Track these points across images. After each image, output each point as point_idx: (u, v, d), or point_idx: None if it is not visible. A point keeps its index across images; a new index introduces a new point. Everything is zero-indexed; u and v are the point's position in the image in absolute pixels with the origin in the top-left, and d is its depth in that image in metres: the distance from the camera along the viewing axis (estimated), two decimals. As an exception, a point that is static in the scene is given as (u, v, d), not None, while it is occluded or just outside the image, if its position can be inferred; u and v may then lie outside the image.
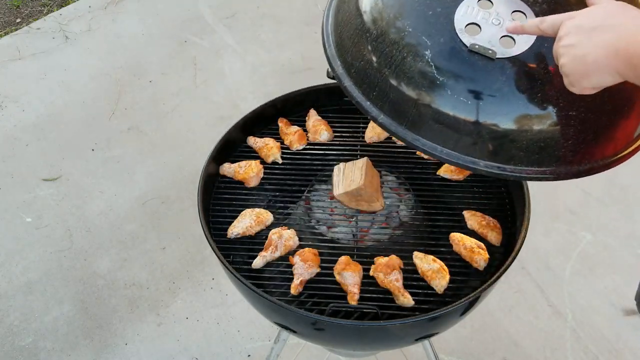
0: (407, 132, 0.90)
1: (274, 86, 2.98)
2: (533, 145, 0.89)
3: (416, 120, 0.90)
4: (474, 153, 0.90)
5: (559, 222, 2.37)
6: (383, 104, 0.92)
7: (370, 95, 0.93)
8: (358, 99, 0.94)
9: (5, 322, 2.16)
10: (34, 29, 3.40)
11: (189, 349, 2.06)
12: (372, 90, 0.92)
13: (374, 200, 1.32)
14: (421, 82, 0.88)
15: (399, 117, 0.90)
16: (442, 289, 1.22)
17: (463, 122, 0.88)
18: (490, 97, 0.87)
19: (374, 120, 0.93)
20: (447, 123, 0.88)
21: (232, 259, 1.33)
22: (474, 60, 0.87)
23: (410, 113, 0.89)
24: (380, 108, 0.92)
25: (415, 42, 0.89)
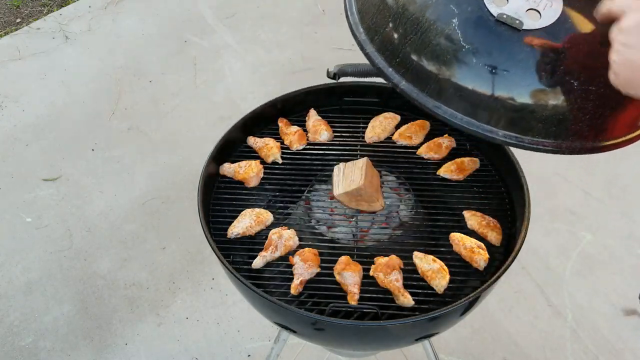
0: (428, 99, 0.91)
1: (274, 86, 2.98)
2: (552, 117, 0.90)
3: (438, 87, 0.90)
4: (493, 122, 0.91)
5: (559, 222, 2.37)
6: (405, 71, 0.92)
7: (392, 62, 0.93)
8: (380, 65, 0.94)
9: (5, 322, 2.16)
10: (34, 29, 3.40)
11: (189, 349, 2.06)
12: (395, 57, 0.92)
13: (374, 200, 1.32)
14: (446, 49, 0.89)
15: (421, 84, 0.91)
16: (442, 289, 1.22)
17: (484, 91, 0.89)
18: (513, 68, 0.88)
19: (396, 87, 0.93)
20: (469, 91, 0.89)
21: (232, 259, 1.33)
22: (501, 30, 0.88)
23: (433, 80, 0.90)
24: (402, 75, 0.92)
25: (442, 9, 0.89)
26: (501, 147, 1.42)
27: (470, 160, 1.45)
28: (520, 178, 1.34)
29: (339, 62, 1.44)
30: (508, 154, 1.39)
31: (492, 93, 0.89)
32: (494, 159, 1.46)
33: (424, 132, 1.53)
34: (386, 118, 1.54)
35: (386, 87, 1.57)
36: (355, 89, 1.59)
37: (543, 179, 2.53)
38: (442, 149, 1.48)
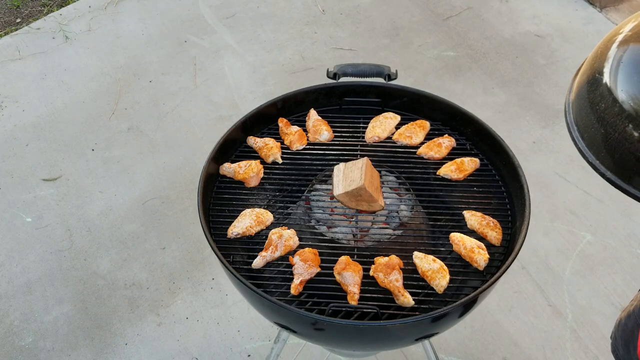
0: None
1: (274, 86, 2.98)
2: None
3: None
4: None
5: (559, 222, 2.37)
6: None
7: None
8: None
9: (5, 322, 2.16)
10: (34, 29, 3.40)
11: (189, 349, 2.06)
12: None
13: (374, 200, 1.32)
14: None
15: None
16: (442, 289, 1.22)
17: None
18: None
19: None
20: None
21: (232, 259, 1.33)
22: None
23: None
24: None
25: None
26: (501, 147, 1.42)
27: (470, 160, 1.45)
28: (520, 178, 1.34)
29: (339, 62, 1.44)
30: (508, 154, 1.39)
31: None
32: (494, 159, 1.46)
33: (424, 132, 1.53)
34: (386, 118, 1.54)
35: (386, 87, 1.57)
36: (355, 89, 1.59)
37: (543, 179, 2.53)
38: (442, 149, 1.48)
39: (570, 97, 0.82)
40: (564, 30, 3.24)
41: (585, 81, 0.78)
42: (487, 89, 2.94)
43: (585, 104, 0.77)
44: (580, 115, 0.79)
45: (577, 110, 0.79)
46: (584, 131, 0.78)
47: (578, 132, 0.79)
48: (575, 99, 0.80)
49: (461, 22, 3.31)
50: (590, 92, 0.76)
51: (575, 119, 0.80)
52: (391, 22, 3.33)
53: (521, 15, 3.34)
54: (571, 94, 0.82)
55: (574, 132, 0.80)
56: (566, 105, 0.83)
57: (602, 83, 0.74)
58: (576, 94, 0.80)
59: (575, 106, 0.80)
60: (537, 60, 3.07)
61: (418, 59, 3.10)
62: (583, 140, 0.79)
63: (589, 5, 3.38)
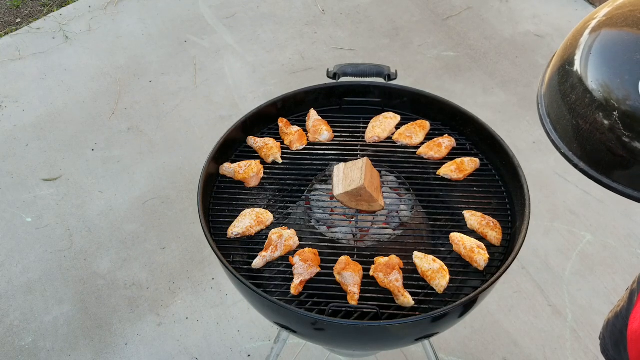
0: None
1: (274, 86, 2.98)
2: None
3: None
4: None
5: (559, 222, 2.37)
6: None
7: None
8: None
9: (5, 322, 2.16)
10: (34, 29, 3.40)
11: (189, 349, 2.06)
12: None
13: (374, 200, 1.32)
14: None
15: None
16: (442, 289, 1.22)
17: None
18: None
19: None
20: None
21: (232, 259, 1.33)
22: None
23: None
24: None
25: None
26: (501, 147, 1.42)
27: (470, 160, 1.45)
28: (520, 178, 1.34)
29: (339, 62, 1.44)
30: (508, 154, 1.39)
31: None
32: (494, 159, 1.46)
33: (424, 132, 1.53)
34: (386, 118, 1.54)
35: (386, 87, 1.57)
36: (355, 89, 1.59)
37: (543, 179, 2.53)
38: (442, 149, 1.48)
39: (542, 89, 0.81)
40: (564, 30, 3.24)
41: (556, 72, 0.77)
42: (487, 89, 2.94)
43: (556, 95, 0.76)
44: (552, 107, 0.78)
45: (549, 102, 0.79)
46: (556, 123, 0.78)
47: (550, 124, 0.79)
48: (547, 91, 0.80)
49: (461, 22, 3.31)
50: (561, 84, 0.76)
51: (548, 111, 0.79)
52: (391, 22, 3.33)
53: (521, 15, 3.34)
54: (543, 86, 0.82)
55: (546, 124, 0.80)
56: (538, 98, 0.83)
57: (573, 73, 0.73)
58: (547, 85, 0.80)
59: (547, 98, 0.79)
60: (537, 60, 3.07)
61: (418, 59, 3.10)
62: (556, 132, 0.78)
63: (589, 5, 3.38)
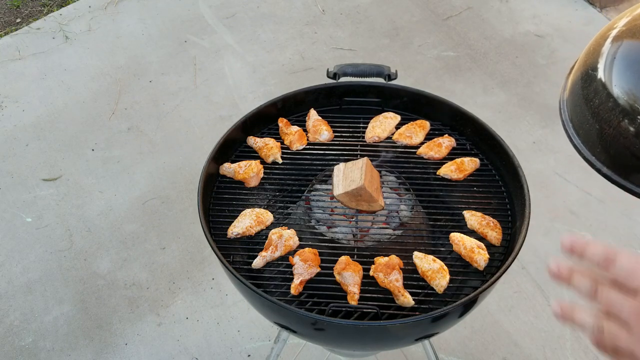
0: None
1: (274, 86, 2.98)
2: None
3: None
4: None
5: (559, 222, 2.37)
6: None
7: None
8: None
9: (5, 322, 2.16)
10: (34, 29, 3.40)
11: (189, 349, 2.06)
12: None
13: (374, 200, 1.32)
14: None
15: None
16: (442, 289, 1.22)
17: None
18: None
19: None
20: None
21: (232, 259, 1.33)
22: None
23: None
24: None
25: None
26: (501, 147, 1.42)
27: (470, 160, 1.45)
28: (520, 178, 1.34)
29: (339, 62, 1.44)
30: (508, 154, 1.39)
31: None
32: (494, 159, 1.46)
33: (424, 132, 1.53)
34: (386, 118, 1.54)
35: (386, 87, 1.57)
36: (355, 89, 1.59)
37: (543, 179, 2.53)
38: (442, 149, 1.48)
39: (565, 94, 0.82)
40: (564, 30, 3.24)
41: (579, 77, 0.78)
42: (487, 89, 2.94)
43: (579, 100, 0.77)
44: (575, 112, 0.78)
45: (572, 107, 0.79)
46: (579, 128, 0.78)
47: (573, 129, 0.79)
48: (570, 96, 0.80)
49: (461, 22, 3.31)
50: (585, 88, 0.76)
51: (570, 116, 0.80)
52: (391, 22, 3.33)
53: (521, 15, 3.34)
54: (565, 92, 0.82)
55: (569, 129, 0.80)
56: (561, 103, 0.83)
57: (597, 79, 0.74)
58: (570, 90, 0.80)
59: (569, 103, 0.80)
60: (537, 60, 3.07)
61: (418, 59, 3.10)
62: (578, 137, 0.79)
63: (589, 5, 3.38)
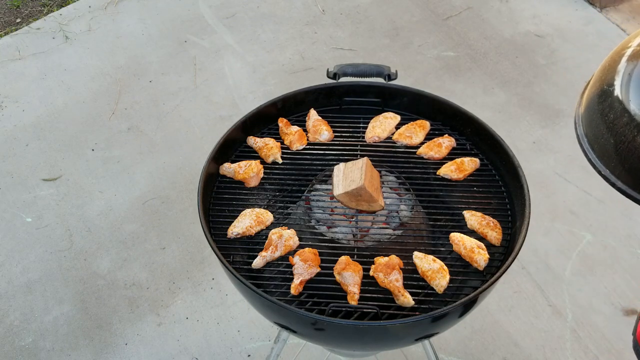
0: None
1: (274, 86, 2.98)
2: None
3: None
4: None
5: (559, 222, 2.37)
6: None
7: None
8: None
9: (5, 322, 2.16)
10: (34, 29, 3.40)
11: (189, 349, 2.06)
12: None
13: (374, 200, 1.32)
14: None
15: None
16: (442, 289, 1.22)
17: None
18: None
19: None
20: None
21: (232, 259, 1.33)
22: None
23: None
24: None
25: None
26: (501, 147, 1.42)
27: (470, 160, 1.45)
28: (520, 178, 1.34)
29: (339, 62, 1.44)
30: (508, 154, 1.39)
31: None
32: (494, 159, 1.46)
33: (424, 132, 1.53)
34: (386, 118, 1.54)
35: (386, 87, 1.57)
36: (355, 89, 1.59)
37: (543, 179, 2.53)
38: (442, 149, 1.48)
39: (580, 110, 0.85)
40: (564, 30, 3.24)
41: (596, 93, 0.80)
42: (487, 89, 2.94)
43: (595, 115, 0.79)
44: (590, 127, 0.81)
45: (587, 122, 0.81)
46: (594, 142, 0.80)
47: (588, 143, 0.81)
48: (585, 111, 0.82)
49: (461, 22, 3.31)
50: (600, 104, 0.78)
51: (586, 131, 0.82)
52: (391, 22, 3.33)
53: (521, 15, 3.34)
54: (580, 107, 0.84)
55: (584, 143, 0.82)
56: (576, 118, 0.85)
57: (613, 95, 0.76)
58: (586, 106, 0.83)
59: (585, 118, 0.82)
60: (537, 60, 3.07)
61: (418, 59, 3.10)
62: (593, 152, 0.81)
63: (589, 5, 3.38)
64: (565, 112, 2.79)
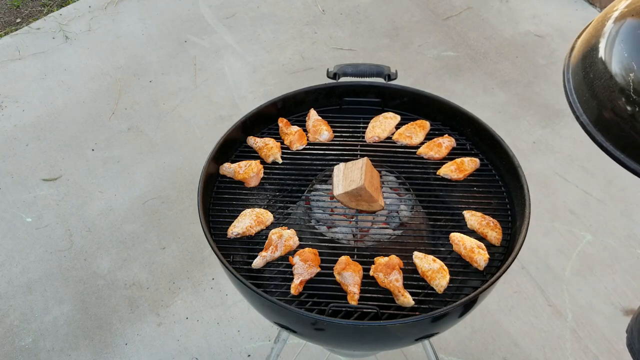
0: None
1: (274, 86, 2.98)
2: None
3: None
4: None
5: (559, 222, 2.37)
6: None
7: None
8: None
9: (5, 322, 2.16)
10: (34, 29, 3.40)
11: (189, 349, 2.06)
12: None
13: (374, 200, 1.32)
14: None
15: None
16: (442, 289, 1.22)
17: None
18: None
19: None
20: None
21: (232, 259, 1.33)
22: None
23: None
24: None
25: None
26: (501, 147, 1.42)
27: (470, 160, 1.45)
28: (520, 178, 1.34)
29: (339, 62, 1.44)
30: (508, 154, 1.39)
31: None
32: (494, 159, 1.46)
33: (424, 132, 1.53)
34: (386, 118, 1.54)
35: (386, 87, 1.57)
36: (355, 89, 1.59)
37: (543, 179, 2.53)
38: (442, 149, 1.48)
39: (570, 60, 0.88)
40: (564, 30, 3.24)
41: (581, 54, 0.84)
42: (487, 89, 2.94)
43: (579, 74, 0.84)
44: (575, 82, 0.85)
45: (574, 76, 0.85)
46: (579, 95, 0.84)
47: (575, 94, 0.86)
48: (574, 66, 0.87)
49: (461, 22, 3.31)
50: (585, 64, 0.82)
51: (573, 83, 0.86)
52: (391, 22, 3.33)
53: (521, 15, 3.34)
54: (571, 58, 0.88)
55: (570, 95, 0.87)
56: (564, 68, 0.89)
57: (597, 57, 0.79)
58: (574, 62, 0.86)
59: (572, 72, 0.87)
60: (537, 60, 3.07)
61: (418, 59, 3.10)
62: (579, 103, 0.85)
63: (589, 5, 3.38)
64: (565, 112, 2.79)
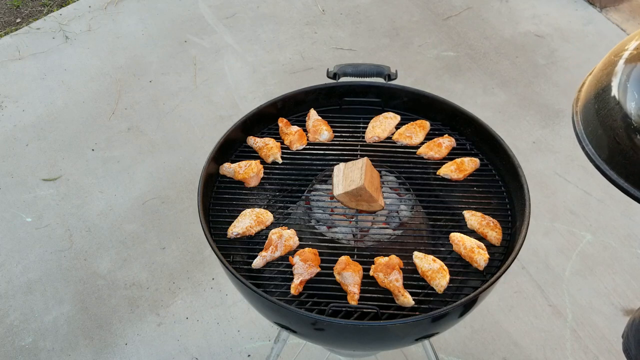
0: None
1: (274, 86, 2.98)
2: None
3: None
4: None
5: (559, 222, 2.37)
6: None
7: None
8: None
9: (5, 322, 2.16)
10: (34, 29, 3.40)
11: (188, 349, 2.06)
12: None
13: (374, 200, 1.32)
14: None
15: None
16: (442, 289, 1.22)
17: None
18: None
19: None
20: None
21: (232, 259, 1.33)
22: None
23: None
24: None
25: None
26: (501, 147, 1.42)
27: (470, 160, 1.45)
28: (520, 178, 1.34)
29: (339, 62, 1.44)
30: (508, 154, 1.39)
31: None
32: (494, 159, 1.46)
33: (424, 132, 1.53)
34: (386, 118, 1.54)
35: (386, 87, 1.57)
36: (355, 89, 1.59)
37: (543, 179, 2.53)
38: (442, 149, 1.48)
39: (577, 107, 0.86)
40: (564, 30, 3.24)
41: (593, 93, 0.82)
42: (487, 89, 2.94)
43: (591, 113, 0.81)
44: (587, 123, 0.83)
45: (584, 119, 0.83)
46: (591, 138, 0.82)
47: (587, 138, 0.84)
48: (583, 109, 0.84)
49: (461, 22, 3.31)
50: (597, 103, 0.80)
51: (583, 127, 0.84)
52: (391, 22, 3.33)
53: (521, 15, 3.34)
54: (578, 104, 0.86)
55: (582, 139, 0.84)
56: (574, 115, 0.87)
57: (610, 95, 0.78)
58: (583, 104, 0.84)
59: (582, 115, 0.84)
60: (537, 60, 3.07)
61: (418, 59, 3.10)
62: (591, 146, 0.83)
63: (589, 5, 3.38)
64: (565, 112, 2.79)
